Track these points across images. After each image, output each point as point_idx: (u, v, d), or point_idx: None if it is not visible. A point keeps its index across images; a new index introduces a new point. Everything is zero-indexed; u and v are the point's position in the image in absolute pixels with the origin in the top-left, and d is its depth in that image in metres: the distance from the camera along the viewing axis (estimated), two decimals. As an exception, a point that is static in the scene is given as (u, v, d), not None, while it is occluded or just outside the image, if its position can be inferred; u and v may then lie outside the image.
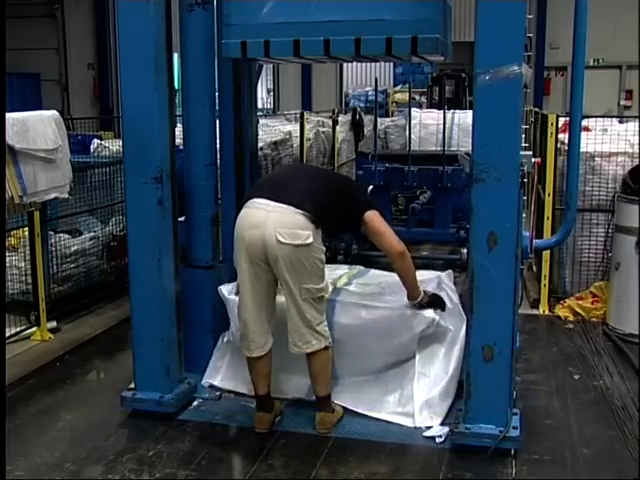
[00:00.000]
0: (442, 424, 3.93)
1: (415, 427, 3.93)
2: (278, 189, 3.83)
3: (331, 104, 16.47)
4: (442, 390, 4.05)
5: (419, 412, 3.98)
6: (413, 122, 7.34)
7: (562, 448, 3.81)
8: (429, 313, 4.02)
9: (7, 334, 4.99)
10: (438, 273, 4.67)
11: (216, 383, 4.43)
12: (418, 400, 4.01)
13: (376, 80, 7.26)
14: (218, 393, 4.38)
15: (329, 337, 3.91)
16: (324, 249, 3.87)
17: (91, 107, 18.58)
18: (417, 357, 4.09)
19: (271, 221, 3.70)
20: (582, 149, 4.49)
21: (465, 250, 6.41)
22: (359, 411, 4.11)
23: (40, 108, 5.32)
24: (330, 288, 4.19)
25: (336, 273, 4.58)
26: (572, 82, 3.86)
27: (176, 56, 4.28)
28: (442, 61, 4.29)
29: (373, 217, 3.92)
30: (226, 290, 4.34)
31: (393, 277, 4.20)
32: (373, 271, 4.76)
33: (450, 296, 4.33)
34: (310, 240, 3.72)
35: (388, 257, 4.02)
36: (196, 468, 3.62)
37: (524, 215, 3.72)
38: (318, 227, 3.76)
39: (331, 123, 9.41)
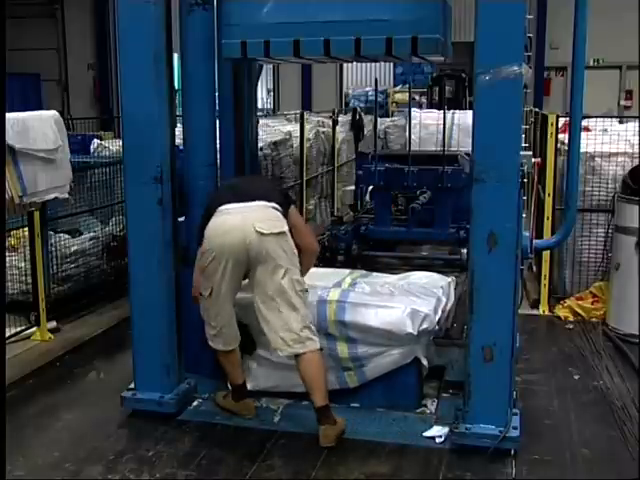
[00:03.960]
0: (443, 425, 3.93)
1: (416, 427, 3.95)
2: (240, 193, 3.93)
3: (331, 104, 16.43)
4: None
5: None
6: (413, 122, 7.31)
7: (562, 448, 3.81)
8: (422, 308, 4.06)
9: (7, 334, 4.98)
10: (441, 278, 4.66)
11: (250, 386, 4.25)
12: None
13: (376, 80, 7.24)
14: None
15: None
16: None
17: (91, 107, 18.55)
18: None
19: (248, 219, 3.77)
20: (582, 149, 4.49)
21: (465, 250, 6.39)
22: None
23: (40, 108, 5.33)
24: (338, 290, 4.22)
25: (339, 275, 4.56)
26: (572, 82, 3.86)
27: (176, 56, 4.27)
28: (442, 61, 4.29)
29: (297, 212, 4.17)
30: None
31: (396, 279, 4.21)
32: (375, 274, 4.73)
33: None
34: (285, 228, 3.83)
35: (304, 251, 4.04)
36: (196, 468, 3.62)
37: (524, 215, 3.72)
38: (285, 216, 3.90)
39: (331, 123, 9.41)
